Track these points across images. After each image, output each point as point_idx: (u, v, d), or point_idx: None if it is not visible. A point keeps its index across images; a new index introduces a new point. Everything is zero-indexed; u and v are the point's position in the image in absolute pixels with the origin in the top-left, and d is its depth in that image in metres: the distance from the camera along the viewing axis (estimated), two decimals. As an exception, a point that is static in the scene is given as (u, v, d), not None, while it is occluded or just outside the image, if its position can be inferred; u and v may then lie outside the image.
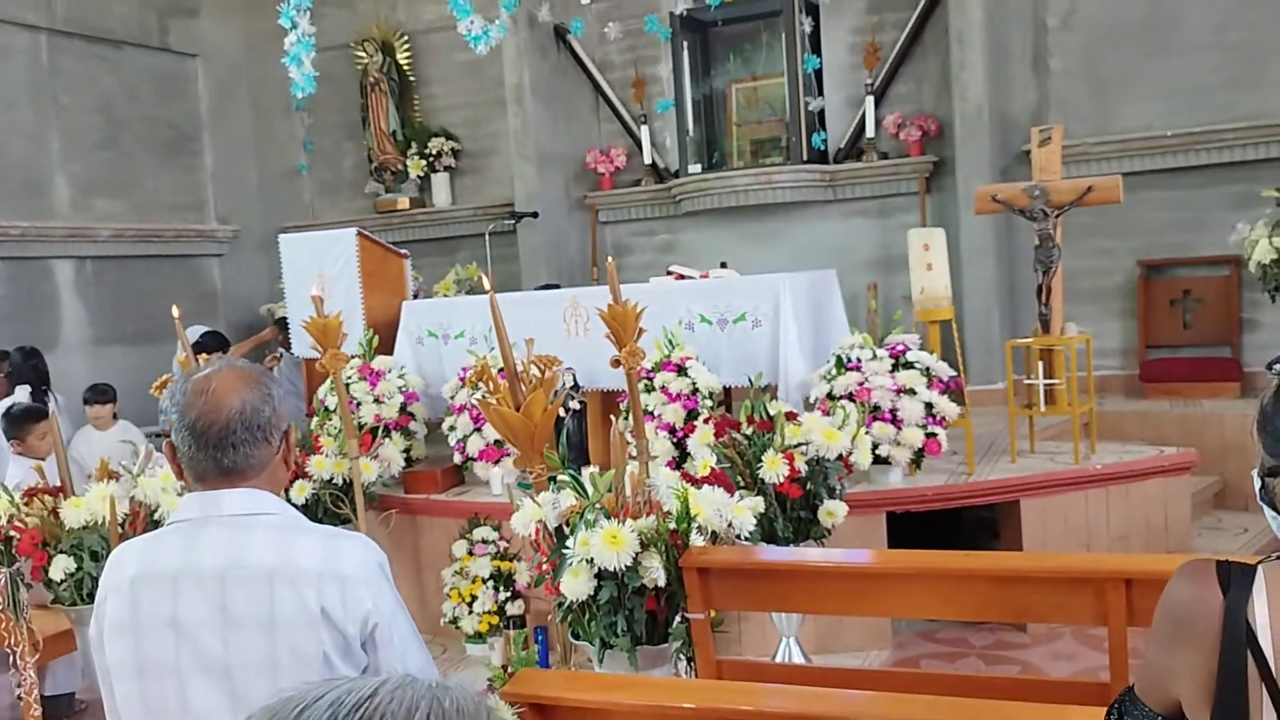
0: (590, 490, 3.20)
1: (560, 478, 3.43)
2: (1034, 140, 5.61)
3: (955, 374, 5.14)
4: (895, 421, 4.98)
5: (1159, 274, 7.48)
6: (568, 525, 3.31)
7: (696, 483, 3.34)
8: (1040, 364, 5.36)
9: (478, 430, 5.66)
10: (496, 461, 5.63)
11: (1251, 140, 7.02)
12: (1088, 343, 5.54)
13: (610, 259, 4.35)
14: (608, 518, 3.11)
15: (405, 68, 9.42)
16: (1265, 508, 1.45)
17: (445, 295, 8.48)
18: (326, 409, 5.69)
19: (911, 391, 5.00)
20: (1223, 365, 7.17)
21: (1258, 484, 1.46)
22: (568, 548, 3.10)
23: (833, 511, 4.16)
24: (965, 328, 7.12)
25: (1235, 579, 1.37)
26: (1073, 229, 6.62)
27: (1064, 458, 5.46)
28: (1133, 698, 1.51)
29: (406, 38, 9.40)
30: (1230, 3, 7.09)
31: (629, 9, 8.67)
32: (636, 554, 3.03)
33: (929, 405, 5.01)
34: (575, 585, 3.08)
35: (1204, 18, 7.17)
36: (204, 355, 5.12)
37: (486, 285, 4.03)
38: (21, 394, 6.58)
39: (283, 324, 7.75)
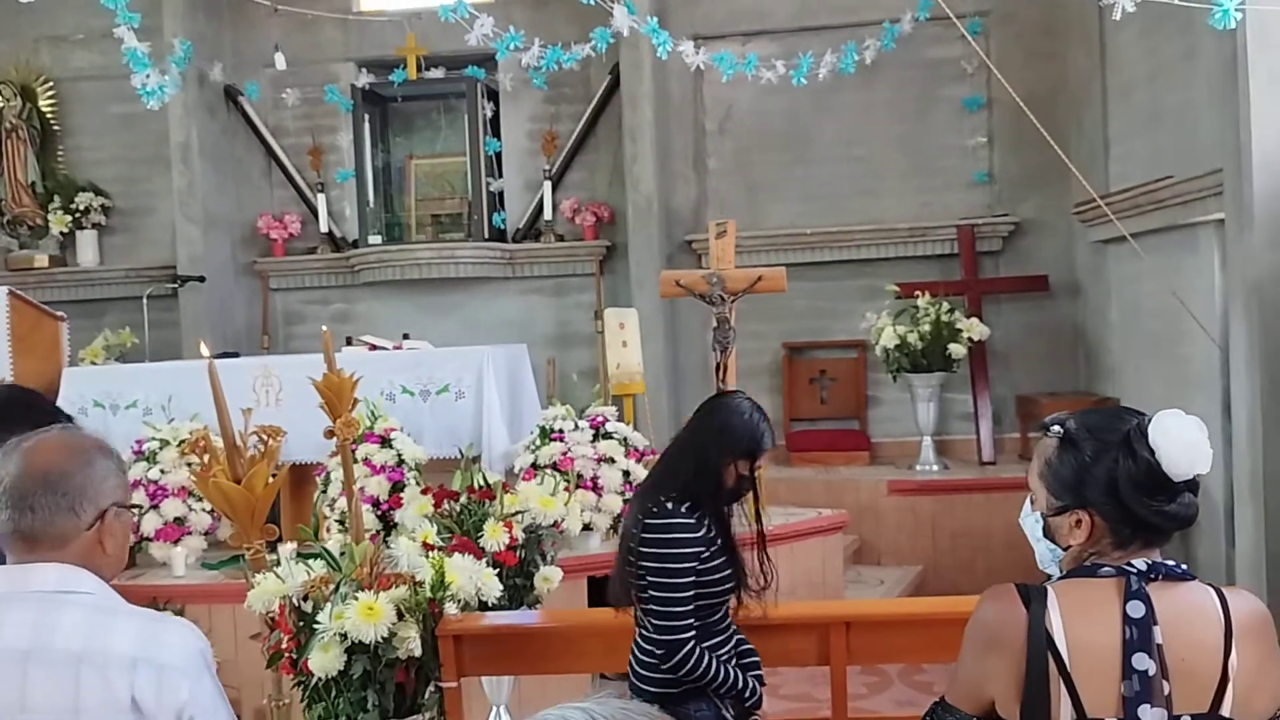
0: (344, 562, 3.16)
1: (297, 551, 3.35)
2: (711, 232, 6.18)
3: (649, 444, 5.51)
4: (596, 489, 5.25)
5: (800, 355, 8.38)
6: (305, 600, 3.25)
7: (447, 551, 3.38)
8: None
9: (155, 508, 5.28)
10: (177, 541, 5.27)
11: (875, 241, 8.11)
12: (754, 416, 6.10)
13: (325, 329, 4.30)
14: (360, 590, 3.09)
15: (49, 116, 8.65)
16: (1045, 541, 1.80)
17: (94, 363, 7.79)
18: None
19: (611, 460, 5.29)
20: (854, 436, 8.14)
21: (1039, 523, 1.81)
22: (319, 622, 3.04)
23: (548, 577, 4.32)
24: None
25: (1034, 596, 1.70)
26: (733, 313, 7.30)
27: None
28: (945, 705, 1.80)
29: (51, 84, 8.64)
30: (854, 123, 8.18)
31: (308, 77, 8.54)
32: (392, 625, 3.04)
33: (626, 473, 5.33)
34: (325, 660, 3.03)
35: (834, 133, 8.23)
36: None
37: (205, 351, 3.87)
38: None
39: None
